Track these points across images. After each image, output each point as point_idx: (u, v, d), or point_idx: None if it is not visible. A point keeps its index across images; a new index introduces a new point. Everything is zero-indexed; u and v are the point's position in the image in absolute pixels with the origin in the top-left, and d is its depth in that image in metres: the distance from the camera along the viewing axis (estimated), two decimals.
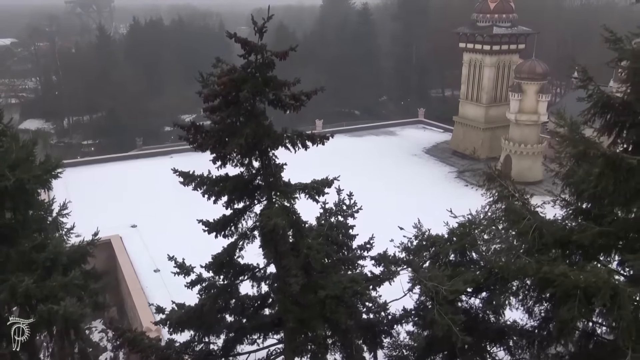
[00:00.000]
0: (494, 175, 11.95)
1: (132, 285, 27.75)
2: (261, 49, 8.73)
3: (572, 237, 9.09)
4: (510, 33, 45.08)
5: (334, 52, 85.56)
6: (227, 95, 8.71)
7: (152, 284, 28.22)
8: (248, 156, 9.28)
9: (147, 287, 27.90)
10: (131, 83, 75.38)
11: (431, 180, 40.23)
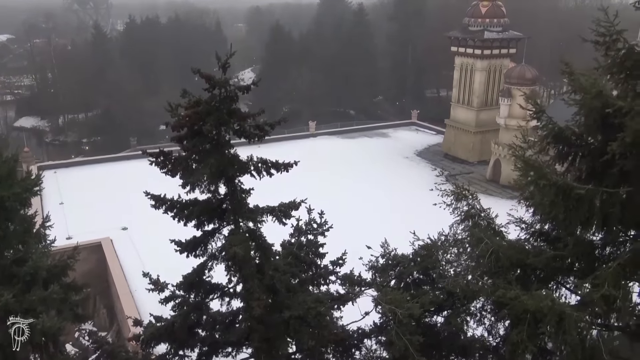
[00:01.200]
0: (462, 193, 12.32)
1: (121, 289, 28.09)
2: (224, 84, 9.08)
3: (527, 260, 9.46)
4: (501, 38, 45.39)
5: (330, 51, 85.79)
6: (193, 126, 9.06)
7: (142, 286, 28.60)
8: (214, 183, 9.65)
9: (136, 291, 28.18)
10: (127, 81, 75.56)
11: (420, 184, 40.54)
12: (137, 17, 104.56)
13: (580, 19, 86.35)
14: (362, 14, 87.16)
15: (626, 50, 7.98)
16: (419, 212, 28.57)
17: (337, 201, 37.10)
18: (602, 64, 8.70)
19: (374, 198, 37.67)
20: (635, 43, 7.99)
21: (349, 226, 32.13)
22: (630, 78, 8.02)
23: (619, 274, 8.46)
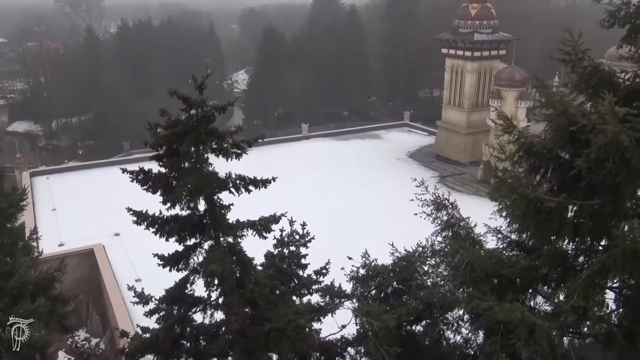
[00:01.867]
0: (442, 203, 12.54)
1: (113, 295, 28.22)
2: (201, 105, 9.26)
3: (502, 271, 9.68)
4: (491, 39, 45.67)
5: (322, 52, 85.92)
6: (171, 145, 9.24)
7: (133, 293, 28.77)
8: (193, 200, 9.83)
9: (128, 297, 28.29)
10: (119, 85, 75.52)
11: (412, 186, 40.85)
12: (129, 20, 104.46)
13: (571, 18, 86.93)
14: (354, 15, 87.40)
15: (591, 69, 8.21)
16: (410, 215, 28.90)
17: (329, 204, 37.37)
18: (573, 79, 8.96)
19: (365, 200, 37.92)
20: (600, 61, 8.21)
21: (341, 230, 32.40)
22: (595, 95, 8.25)
23: (588, 285, 8.68)
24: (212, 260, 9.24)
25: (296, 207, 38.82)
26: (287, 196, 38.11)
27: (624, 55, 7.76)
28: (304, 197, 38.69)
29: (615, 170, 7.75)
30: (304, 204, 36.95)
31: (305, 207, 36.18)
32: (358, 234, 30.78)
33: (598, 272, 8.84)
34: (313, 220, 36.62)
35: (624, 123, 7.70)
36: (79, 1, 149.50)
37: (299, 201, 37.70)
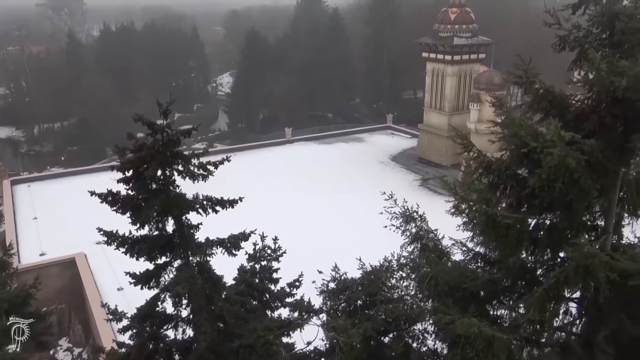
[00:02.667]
0: (411, 215, 12.83)
1: (95, 304, 28.15)
2: (166, 129, 9.47)
3: (464, 284, 9.98)
4: (470, 43, 46.23)
5: (306, 55, 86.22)
6: (137, 169, 9.43)
7: (115, 302, 28.70)
8: (161, 221, 10.03)
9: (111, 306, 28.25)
10: (102, 89, 75.07)
11: (394, 189, 41.18)
12: (112, 24, 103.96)
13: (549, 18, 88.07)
14: (337, 18, 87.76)
15: (543, 91, 8.54)
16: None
17: (310, 211, 37.54)
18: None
19: (346, 206, 38.12)
20: (550, 85, 8.55)
21: (320, 237, 32.58)
22: (547, 117, 8.58)
23: (544, 298, 9.01)
24: (179, 281, 9.44)
25: (276, 214, 39.15)
26: (268, 202, 38.44)
27: (573, 79, 8.09)
28: (285, 204, 38.95)
29: (565, 190, 8.08)
30: (284, 211, 37.26)
31: (286, 214, 36.61)
32: (338, 241, 31.05)
33: (554, 285, 9.17)
34: (293, 228, 36.87)
35: (572, 145, 8.05)
36: (61, 4, 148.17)
37: (280, 208, 37.95)
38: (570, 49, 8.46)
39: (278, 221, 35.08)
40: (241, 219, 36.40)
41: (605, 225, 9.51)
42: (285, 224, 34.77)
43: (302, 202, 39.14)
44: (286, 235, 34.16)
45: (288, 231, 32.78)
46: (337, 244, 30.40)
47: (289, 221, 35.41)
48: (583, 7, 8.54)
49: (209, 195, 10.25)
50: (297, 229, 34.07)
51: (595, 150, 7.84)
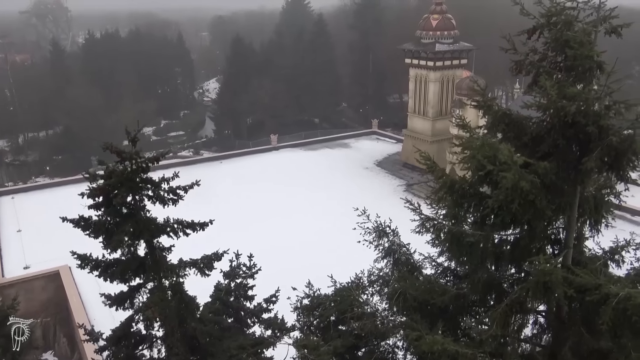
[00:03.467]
0: (383, 230, 13.07)
1: (79, 317, 28.10)
2: (134, 157, 9.65)
3: (432, 300, 10.24)
4: (452, 49, 46.74)
5: (291, 61, 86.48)
6: (107, 195, 9.60)
7: (100, 315, 28.64)
8: (133, 245, 10.19)
9: (95, 320, 28.24)
10: (87, 98, 74.72)
11: (379, 194, 41.55)
12: (97, 31, 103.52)
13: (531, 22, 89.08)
14: (322, 24, 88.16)
15: (501, 114, 8.84)
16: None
17: (293, 220, 37.53)
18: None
19: (330, 214, 37.90)
20: (507, 108, 8.83)
21: (303, 248, 32.63)
22: (505, 139, 8.87)
23: (507, 313, 9.29)
24: (150, 305, 9.61)
25: (260, 223, 39.09)
26: (253, 212, 38.49)
27: (528, 102, 8.38)
28: (269, 213, 38.97)
29: (522, 210, 8.38)
30: (268, 220, 37.25)
31: (270, 223, 36.64)
32: (320, 251, 31.12)
33: (517, 300, 9.46)
34: (276, 238, 36.89)
35: (527, 167, 8.35)
36: (45, 12, 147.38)
37: (264, 217, 37.94)
38: (526, 73, 8.77)
39: (261, 231, 35.31)
40: (225, 230, 36.44)
41: (566, 240, 9.81)
42: (269, 234, 34.98)
43: (286, 211, 39.28)
44: (269, 245, 34.25)
45: (271, 241, 33.14)
46: (319, 254, 30.56)
47: (273, 231, 35.61)
48: (538, 32, 8.85)
49: (180, 219, 10.43)
50: (280, 238, 34.28)
51: (549, 172, 8.13)
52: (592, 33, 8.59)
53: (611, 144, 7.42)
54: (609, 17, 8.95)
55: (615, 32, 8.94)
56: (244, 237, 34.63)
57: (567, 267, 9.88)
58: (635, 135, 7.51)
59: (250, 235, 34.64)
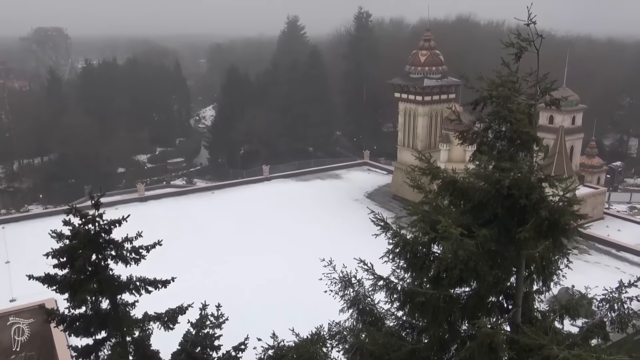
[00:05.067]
0: (349, 281, 13.40)
1: (62, 352, 28.10)
2: (97, 220, 10.09)
3: (386, 356, 10.54)
4: (440, 84, 47.66)
5: (286, 90, 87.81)
6: (71, 255, 10.01)
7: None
8: (97, 302, 10.55)
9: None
10: (82, 127, 75.64)
11: (367, 227, 41.76)
12: (95, 58, 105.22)
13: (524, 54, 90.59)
14: (316, 54, 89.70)
15: (447, 181, 9.31)
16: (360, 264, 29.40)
17: (279, 256, 37.03)
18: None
19: (313, 249, 37.16)
20: (454, 175, 9.30)
21: (286, 286, 32.25)
22: (451, 204, 9.32)
23: None
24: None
25: (241, 259, 38.71)
26: (234, 247, 38.19)
27: (470, 172, 8.85)
28: (250, 249, 38.26)
29: (464, 275, 8.77)
30: (249, 256, 36.72)
31: (250, 260, 36.12)
32: (297, 291, 30.51)
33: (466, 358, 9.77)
34: (259, 274, 36.46)
35: (470, 233, 8.77)
36: (45, 39, 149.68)
37: (245, 252, 37.46)
38: (470, 142, 9.26)
39: (241, 268, 34.94)
40: (204, 264, 36.23)
41: (515, 299, 10.17)
42: (249, 271, 34.65)
43: (269, 247, 38.35)
44: (247, 283, 34.00)
45: (250, 278, 32.99)
46: (296, 294, 29.74)
47: (253, 268, 35.09)
48: (481, 104, 9.38)
49: (143, 277, 10.80)
50: (260, 276, 33.77)
51: (489, 239, 8.55)
52: (531, 107, 9.13)
53: (542, 216, 7.87)
54: (550, 89, 9.50)
55: (554, 104, 9.50)
56: (223, 273, 34.74)
57: (516, 325, 10.24)
58: (564, 208, 7.97)
59: (229, 271, 34.78)
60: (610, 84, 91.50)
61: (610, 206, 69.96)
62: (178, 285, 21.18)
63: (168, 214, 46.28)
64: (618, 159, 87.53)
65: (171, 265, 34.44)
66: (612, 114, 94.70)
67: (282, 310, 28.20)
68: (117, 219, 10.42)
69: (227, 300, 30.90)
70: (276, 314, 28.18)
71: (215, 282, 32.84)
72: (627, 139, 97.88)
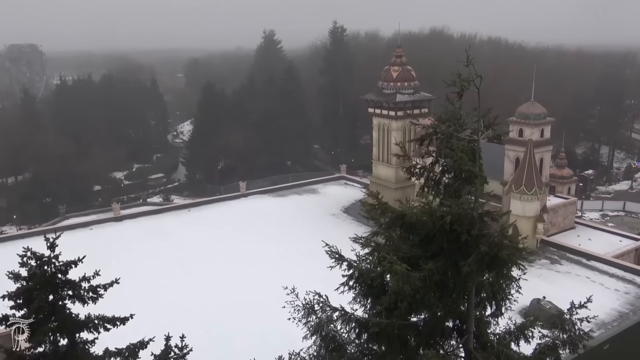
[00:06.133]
0: (312, 308, 13.63)
1: None
2: (53, 261, 10.21)
3: None
4: (412, 99, 48.42)
5: (263, 105, 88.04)
6: (27, 298, 10.10)
7: None
8: (55, 342, 10.63)
9: None
10: (57, 146, 74.75)
11: (343, 242, 41.94)
12: (70, 75, 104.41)
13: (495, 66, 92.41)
14: (293, 69, 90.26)
15: (395, 216, 9.63)
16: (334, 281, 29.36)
17: (250, 273, 36.44)
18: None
19: (291, 267, 36.64)
20: (402, 210, 9.63)
21: (254, 305, 31.65)
22: (400, 237, 9.65)
23: None
24: None
25: (212, 279, 37.79)
26: (207, 267, 37.69)
27: (416, 206, 9.21)
28: (223, 269, 37.80)
29: (413, 307, 9.09)
30: (221, 276, 36.11)
31: (222, 280, 35.57)
32: (269, 312, 29.76)
33: None
34: (226, 297, 35.55)
35: (416, 267, 9.10)
36: (20, 55, 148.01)
37: (217, 272, 36.85)
38: (417, 177, 9.62)
39: (212, 288, 34.37)
40: (181, 285, 35.69)
41: (467, 326, 10.52)
42: (219, 292, 34.11)
43: (241, 267, 37.92)
44: (217, 304, 33.31)
45: (220, 299, 32.59)
46: (266, 316, 29.09)
47: (224, 288, 34.59)
48: (427, 141, 9.76)
49: (101, 315, 10.90)
50: (231, 297, 33.17)
51: (435, 273, 8.89)
52: (474, 143, 9.53)
53: (482, 251, 8.23)
54: (493, 124, 9.93)
55: (497, 138, 9.92)
56: (194, 293, 34.30)
57: (469, 351, 10.58)
58: (502, 243, 8.35)
59: (199, 291, 34.45)
60: (581, 94, 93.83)
61: (583, 214, 71.41)
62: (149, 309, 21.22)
63: (144, 233, 45.97)
64: (590, 167, 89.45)
65: (144, 287, 34.41)
66: (584, 123, 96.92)
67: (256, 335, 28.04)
68: (73, 260, 10.53)
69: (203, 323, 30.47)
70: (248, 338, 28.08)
71: (185, 301, 32.65)
72: (599, 147, 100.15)
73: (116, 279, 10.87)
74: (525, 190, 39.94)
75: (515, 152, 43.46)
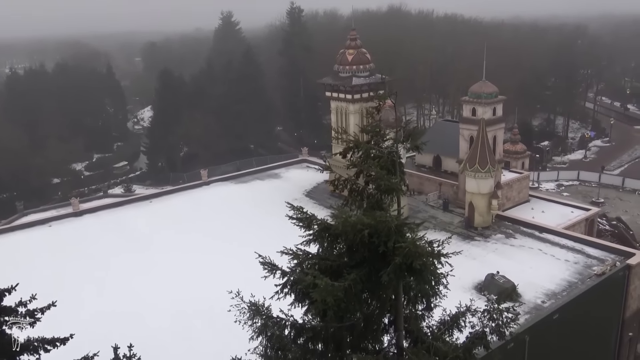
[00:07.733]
0: (258, 309, 14.04)
1: None
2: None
3: None
4: (368, 82, 48.74)
5: (222, 90, 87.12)
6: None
7: None
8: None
9: None
10: (10, 138, 72.57)
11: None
12: (21, 63, 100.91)
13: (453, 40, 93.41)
14: (251, 53, 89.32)
15: (321, 228, 10.04)
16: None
17: (209, 267, 36.10)
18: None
19: (244, 261, 36.15)
20: (326, 222, 10.04)
21: (212, 302, 31.33)
22: (327, 248, 10.08)
23: None
24: None
25: (169, 277, 37.19)
26: (163, 264, 37.09)
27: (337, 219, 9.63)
28: (185, 263, 37.31)
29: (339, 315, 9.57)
30: (177, 275, 35.58)
31: (183, 274, 35.12)
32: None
33: None
34: (184, 297, 34.96)
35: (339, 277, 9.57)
36: None
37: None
38: (340, 190, 10.02)
39: (169, 287, 33.82)
40: (142, 285, 35.35)
41: (396, 325, 11.10)
42: (177, 291, 33.56)
43: (204, 258, 37.80)
44: (174, 305, 32.92)
45: (178, 299, 32.27)
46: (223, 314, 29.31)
47: (182, 287, 34.10)
48: (350, 153, 10.15)
49: (42, 337, 11.06)
50: (189, 296, 32.78)
51: (358, 282, 9.37)
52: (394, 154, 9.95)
53: (397, 262, 8.74)
54: (412, 134, 10.38)
55: (417, 148, 10.37)
56: (157, 290, 33.86)
57: (400, 347, 11.19)
58: (416, 252, 8.86)
59: (162, 288, 34.24)
60: (537, 66, 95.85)
61: (539, 185, 73.78)
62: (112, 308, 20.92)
63: (103, 228, 45.45)
64: (546, 139, 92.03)
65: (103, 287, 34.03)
66: (540, 95, 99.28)
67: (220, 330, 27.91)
68: (7, 288, 10.63)
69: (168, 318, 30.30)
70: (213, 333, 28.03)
71: (138, 302, 32.14)
72: (554, 118, 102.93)
73: (53, 302, 11.03)
74: (479, 168, 41.03)
75: (470, 131, 44.52)
